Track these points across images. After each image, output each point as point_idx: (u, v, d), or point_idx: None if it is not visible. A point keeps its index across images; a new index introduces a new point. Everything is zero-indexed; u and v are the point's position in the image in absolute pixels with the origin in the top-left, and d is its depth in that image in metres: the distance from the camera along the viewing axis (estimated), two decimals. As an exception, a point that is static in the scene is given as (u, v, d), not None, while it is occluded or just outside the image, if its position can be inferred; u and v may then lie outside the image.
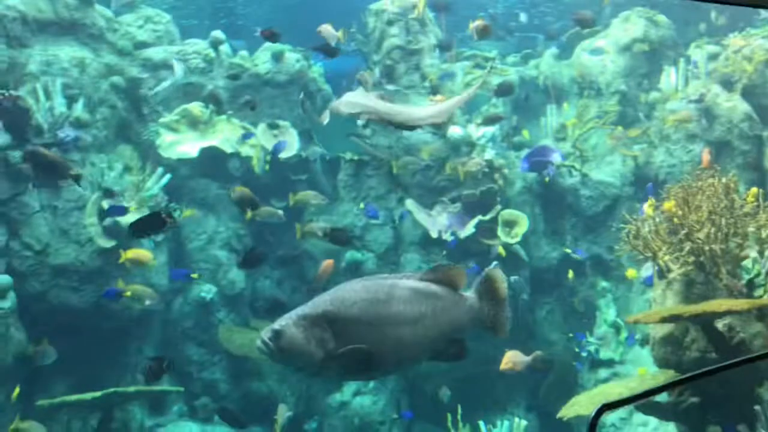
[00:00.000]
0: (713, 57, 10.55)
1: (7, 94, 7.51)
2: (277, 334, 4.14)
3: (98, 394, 7.40)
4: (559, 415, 6.94)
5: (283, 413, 7.83)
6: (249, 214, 8.18)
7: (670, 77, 10.66)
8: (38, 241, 7.60)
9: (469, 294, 4.65)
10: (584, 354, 9.05)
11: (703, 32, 11.01)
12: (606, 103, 10.73)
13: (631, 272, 9.04)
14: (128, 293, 7.69)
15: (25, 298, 7.49)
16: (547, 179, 9.77)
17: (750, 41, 10.47)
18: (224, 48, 9.48)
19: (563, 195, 10.07)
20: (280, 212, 8.38)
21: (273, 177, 9.42)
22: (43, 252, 7.63)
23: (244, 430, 8.00)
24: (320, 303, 4.32)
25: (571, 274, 9.42)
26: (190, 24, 9.70)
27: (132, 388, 7.73)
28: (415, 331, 4.39)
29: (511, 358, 7.75)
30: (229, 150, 8.99)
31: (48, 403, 7.28)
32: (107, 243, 7.87)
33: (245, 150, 9.07)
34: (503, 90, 10.04)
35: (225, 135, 9.01)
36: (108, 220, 7.93)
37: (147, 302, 7.93)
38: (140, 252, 7.81)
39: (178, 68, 8.65)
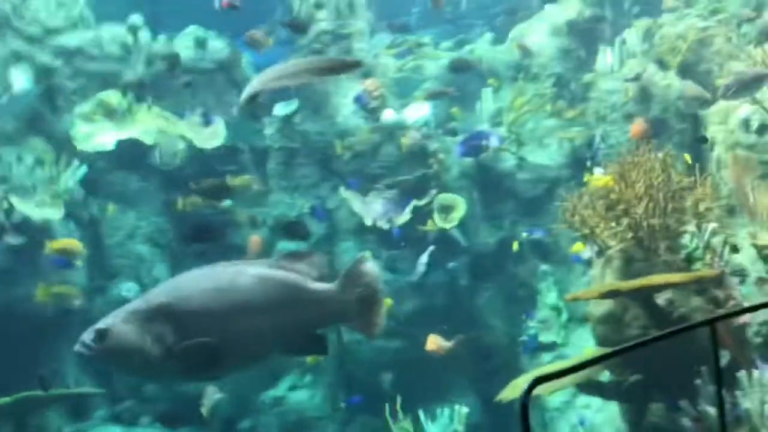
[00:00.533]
0: (648, 36, 10.53)
1: None
2: (101, 334, 3.72)
3: (9, 399, 6.94)
4: (497, 397, 6.74)
5: (210, 395, 7.41)
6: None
7: (606, 57, 10.60)
8: (-62, 241, 7.09)
9: (330, 286, 4.28)
10: (525, 338, 8.87)
11: (636, 12, 10.98)
12: (542, 86, 10.62)
13: (578, 246, 8.89)
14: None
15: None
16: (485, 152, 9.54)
17: (684, 20, 10.50)
18: (143, 34, 9.06)
19: (501, 179, 9.91)
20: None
21: (198, 168, 9.03)
22: (-55, 251, 7.12)
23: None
24: (154, 295, 3.94)
25: (516, 245, 9.18)
26: (108, 11, 9.21)
27: (47, 392, 7.24)
28: (262, 322, 4.03)
29: (435, 341, 7.53)
30: (149, 141, 8.57)
31: (-48, 412, 6.78)
32: (16, 240, 7.38)
33: (166, 141, 8.66)
34: (458, 66, 9.83)
35: (145, 126, 8.59)
36: (17, 215, 7.44)
37: (76, 303, 7.51)
38: (67, 241, 7.32)
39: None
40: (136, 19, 9.07)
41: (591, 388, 6.74)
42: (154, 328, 3.76)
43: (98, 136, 8.43)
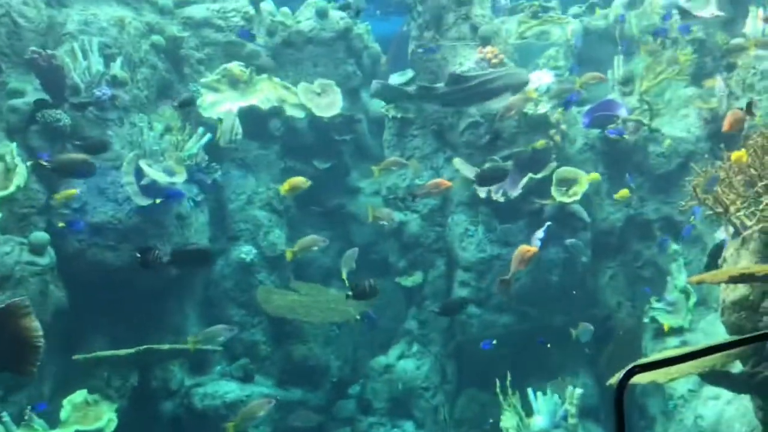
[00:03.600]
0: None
1: (43, 53, 7.58)
2: None
3: (132, 350, 7.40)
4: (609, 381, 6.36)
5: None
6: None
7: (757, 21, 9.61)
8: (76, 199, 7.64)
9: None
10: (647, 320, 8.32)
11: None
12: (681, 52, 9.80)
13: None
14: None
15: (64, 256, 7.55)
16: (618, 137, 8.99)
17: None
18: (266, 5, 9.26)
19: (630, 153, 9.29)
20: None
21: (317, 136, 9.17)
22: (81, 210, 7.67)
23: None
24: None
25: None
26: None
27: (166, 346, 7.69)
28: None
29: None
30: (269, 110, 8.78)
31: (83, 358, 7.33)
32: (144, 201, 7.83)
33: (286, 109, 8.84)
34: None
35: (265, 94, 8.81)
36: (145, 179, 7.89)
37: None
38: (68, 191, 7.62)
39: None
40: (259, -10, 9.30)
41: (717, 378, 6.18)
42: None
43: (222, 104, 8.75)
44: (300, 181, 7.79)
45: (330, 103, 9.14)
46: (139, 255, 6.79)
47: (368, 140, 9.44)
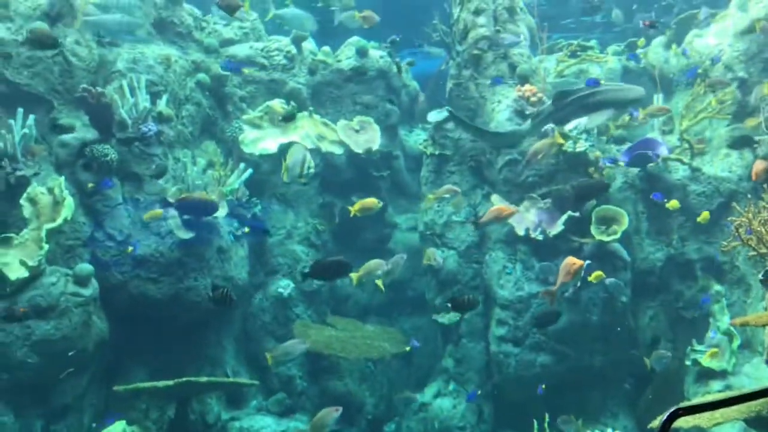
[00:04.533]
0: None
1: (93, 91, 7.82)
2: None
3: (171, 382, 7.44)
4: (651, 424, 6.22)
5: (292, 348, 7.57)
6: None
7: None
8: (120, 232, 7.81)
9: None
10: (689, 363, 8.14)
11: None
12: (723, 91, 9.73)
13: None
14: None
15: (107, 287, 7.69)
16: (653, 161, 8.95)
17: None
18: (307, 44, 9.47)
19: (670, 192, 9.20)
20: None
21: (355, 172, 9.26)
22: (125, 242, 7.83)
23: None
24: None
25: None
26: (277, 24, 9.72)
27: (204, 378, 7.73)
28: None
29: None
30: (309, 145, 8.92)
31: (123, 389, 7.41)
32: (186, 235, 7.96)
33: (325, 146, 8.97)
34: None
35: (305, 131, 8.95)
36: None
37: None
38: (155, 212, 7.81)
39: None
40: (300, 31, 9.51)
41: (764, 424, 6.03)
42: None
43: (264, 140, 8.91)
44: (372, 202, 7.87)
45: (368, 140, 9.24)
46: (211, 293, 7.28)
47: (405, 177, 9.51)
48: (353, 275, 7.92)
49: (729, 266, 8.85)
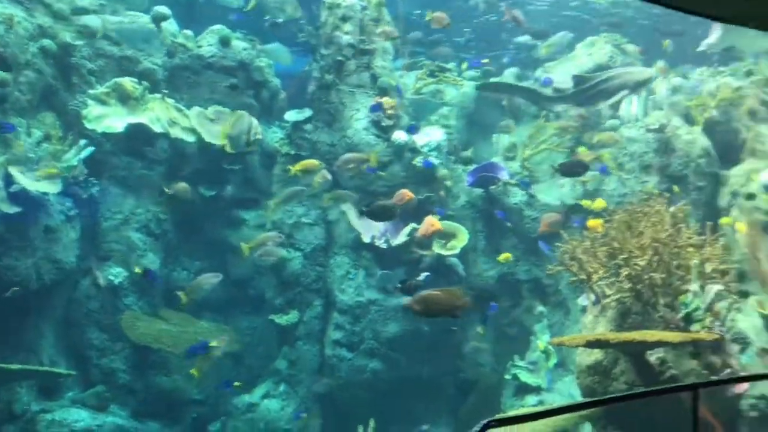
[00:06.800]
0: (676, 90, 10.35)
1: None
2: None
3: (-24, 368, 6.86)
4: (468, 434, 6.49)
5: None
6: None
7: (631, 105, 10.44)
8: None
9: None
10: (509, 377, 8.64)
11: (665, 64, 10.82)
12: (564, 125, 10.44)
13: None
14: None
15: None
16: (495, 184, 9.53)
17: (717, 77, 10.31)
18: (168, 25, 9.10)
19: (510, 214, 9.74)
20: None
21: (205, 163, 9.00)
22: (-63, 212, 7.13)
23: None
24: None
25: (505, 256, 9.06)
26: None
27: (16, 366, 7.18)
28: None
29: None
30: (158, 129, 8.56)
31: None
32: (10, 209, 7.37)
33: (176, 132, 8.65)
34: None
35: (156, 114, 8.58)
36: (15, 186, 7.44)
37: None
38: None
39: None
40: (162, 9, 9.12)
41: (566, 438, 6.50)
42: None
43: (109, 118, 8.44)
44: (313, 163, 7.76)
45: (227, 130, 9.00)
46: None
47: (258, 173, 9.35)
48: (243, 245, 7.81)
49: (553, 289, 9.49)
